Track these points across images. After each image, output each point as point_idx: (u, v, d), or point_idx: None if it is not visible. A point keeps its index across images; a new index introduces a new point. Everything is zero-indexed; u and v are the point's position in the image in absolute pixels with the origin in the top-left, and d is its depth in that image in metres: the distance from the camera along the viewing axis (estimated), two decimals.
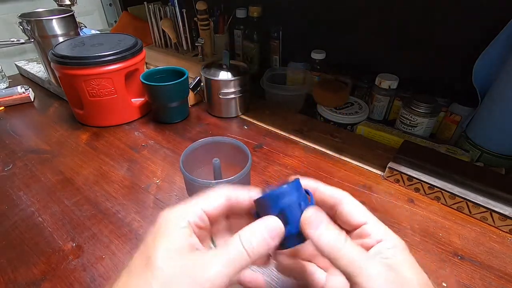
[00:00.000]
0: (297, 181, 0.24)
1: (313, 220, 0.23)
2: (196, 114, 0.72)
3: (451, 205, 0.46)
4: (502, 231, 0.43)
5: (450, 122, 0.63)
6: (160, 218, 0.23)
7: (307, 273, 0.28)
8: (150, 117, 0.71)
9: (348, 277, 0.21)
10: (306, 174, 0.53)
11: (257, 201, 0.24)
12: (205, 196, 0.24)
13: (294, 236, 0.23)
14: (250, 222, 0.23)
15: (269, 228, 0.22)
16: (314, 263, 0.29)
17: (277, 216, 0.23)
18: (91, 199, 0.49)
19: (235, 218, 0.27)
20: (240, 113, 0.70)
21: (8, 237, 0.43)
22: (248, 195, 0.25)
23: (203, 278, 0.19)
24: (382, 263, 0.21)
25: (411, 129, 0.63)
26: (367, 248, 0.23)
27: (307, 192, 0.25)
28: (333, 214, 0.25)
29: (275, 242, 0.22)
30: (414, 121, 0.62)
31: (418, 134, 0.62)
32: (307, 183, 0.26)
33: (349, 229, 0.24)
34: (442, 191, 0.46)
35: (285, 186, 0.23)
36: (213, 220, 0.24)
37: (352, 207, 0.24)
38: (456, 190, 0.45)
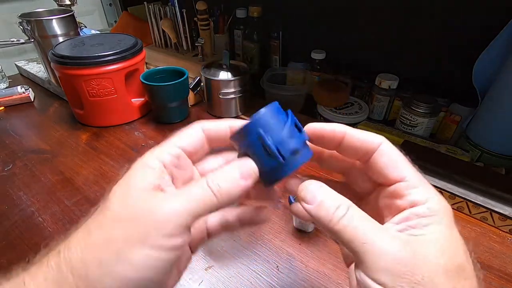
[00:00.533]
0: (274, 104, 0.21)
1: (309, 191, 0.20)
2: (196, 114, 0.72)
3: (451, 205, 0.46)
4: (502, 231, 0.43)
5: (450, 122, 0.63)
6: (134, 163, 0.21)
7: None
8: (150, 117, 0.71)
9: (353, 253, 0.17)
10: (306, 174, 0.53)
11: (233, 137, 0.22)
12: (180, 133, 0.22)
13: (277, 168, 0.20)
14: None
15: (240, 167, 0.20)
16: None
17: (254, 148, 0.20)
18: (91, 199, 0.49)
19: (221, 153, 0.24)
20: (240, 113, 0.70)
21: (8, 237, 0.43)
22: (227, 124, 0.23)
23: (156, 215, 0.17)
24: (396, 238, 0.17)
25: (411, 129, 0.63)
26: (396, 212, 0.19)
27: (296, 125, 0.22)
28: (365, 165, 0.21)
29: (247, 182, 0.20)
30: (414, 121, 0.62)
31: (418, 134, 0.62)
32: (337, 127, 0.22)
33: (381, 183, 0.21)
34: (442, 191, 0.46)
35: (261, 110, 0.21)
36: (194, 157, 0.23)
37: (388, 156, 0.20)
38: (456, 190, 0.45)
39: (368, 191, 0.23)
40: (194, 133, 0.22)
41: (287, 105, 0.70)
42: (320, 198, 0.19)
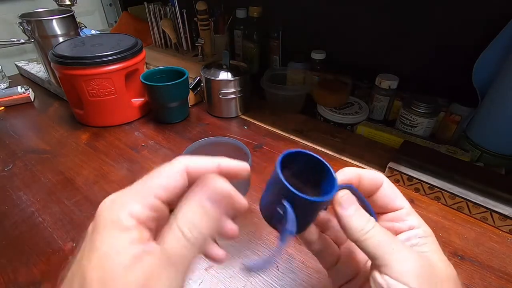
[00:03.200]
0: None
1: (345, 201, 0.22)
2: (196, 114, 0.72)
3: (451, 205, 0.46)
4: (502, 231, 0.43)
5: (450, 122, 0.63)
6: (97, 214, 0.18)
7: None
8: (150, 117, 0.71)
9: (376, 259, 0.20)
10: None
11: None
12: (157, 174, 0.19)
13: (290, 233, 0.21)
14: None
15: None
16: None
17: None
18: (91, 199, 0.49)
19: None
20: (240, 113, 0.70)
21: (8, 237, 0.43)
22: (216, 163, 0.21)
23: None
24: (411, 249, 0.21)
25: (411, 129, 0.63)
26: (397, 233, 0.23)
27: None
28: (371, 197, 0.25)
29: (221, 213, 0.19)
30: (414, 121, 0.62)
31: (418, 134, 0.62)
32: (348, 173, 0.24)
33: (384, 212, 0.24)
34: (442, 191, 0.46)
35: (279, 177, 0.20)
36: (172, 203, 0.19)
37: (391, 191, 0.24)
38: (456, 190, 0.45)
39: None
40: (175, 175, 0.20)
41: (287, 105, 0.71)
42: (355, 208, 0.22)
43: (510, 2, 0.52)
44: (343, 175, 0.24)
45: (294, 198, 0.20)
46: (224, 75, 0.64)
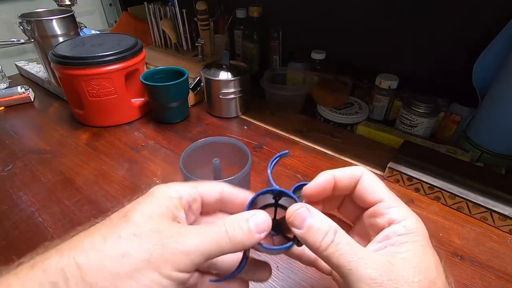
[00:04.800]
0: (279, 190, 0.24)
1: (295, 218, 0.21)
2: (196, 114, 0.72)
3: (451, 205, 0.46)
4: (502, 231, 0.43)
5: (450, 122, 0.63)
6: (152, 188, 0.22)
7: None
8: (150, 117, 0.71)
9: (341, 279, 0.19)
10: (306, 174, 0.53)
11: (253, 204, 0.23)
12: (203, 182, 0.24)
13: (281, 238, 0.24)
14: None
15: (256, 219, 0.21)
16: None
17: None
18: (91, 199, 0.49)
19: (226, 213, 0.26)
20: (240, 113, 0.70)
21: (8, 237, 0.43)
22: (243, 194, 0.24)
23: (175, 248, 0.18)
24: (376, 260, 0.19)
25: (411, 129, 0.63)
26: (378, 230, 0.21)
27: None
28: (352, 194, 0.24)
29: (260, 235, 0.21)
30: (414, 121, 0.62)
31: (418, 134, 0.62)
32: (321, 180, 0.24)
33: (365, 207, 0.23)
34: (442, 191, 0.46)
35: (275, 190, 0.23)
36: (205, 208, 0.24)
37: (368, 183, 0.23)
38: (456, 190, 0.45)
39: (357, 216, 0.25)
40: (216, 188, 0.24)
41: (287, 105, 0.71)
42: (308, 222, 0.20)
43: (510, 2, 0.52)
44: (316, 182, 0.24)
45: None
46: (224, 75, 0.64)
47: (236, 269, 0.23)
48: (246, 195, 0.24)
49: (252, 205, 0.23)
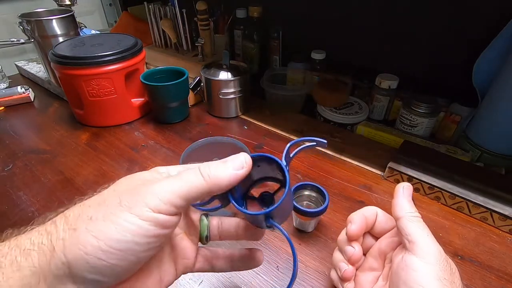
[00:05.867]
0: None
1: (402, 191, 0.30)
2: (196, 114, 0.72)
3: (451, 205, 0.46)
4: (502, 231, 0.43)
5: (450, 122, 0.63)
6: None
7: None
8: (150, 117, 0.71)
9: (408, 242, 0.26)
10: (306, 174, 0.53)
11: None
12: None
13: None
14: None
15: (234, 159, 0.22)
16: None
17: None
18: None
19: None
20: (240, 113, 0.70)
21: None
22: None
23: (144, 190, 0.20)
24: (434, 240, 0.27)
25: (411, 129, 0.63)
26: (397, 245, 0.29)
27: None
28: (373, 228, 0.32)
29: (241, 172, 0.22)
30: (414, 121, 0.62)
31: (418, 134, 0.62)
32: (360, 222, 0.31)
33: (383, 234, 0.31)
34: (442, 191, 0.46)
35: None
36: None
37: (382, 215, 0.32)
38: (456, 190, 0.45)
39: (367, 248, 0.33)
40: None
41: (287, 105, 0.71)
42: (408, 199, 0.29)
43: (510, 2, 0.52)
44: (356, 228, 0.30)
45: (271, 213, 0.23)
46: (224, 75, 0.64)
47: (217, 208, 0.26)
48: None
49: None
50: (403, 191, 0.29)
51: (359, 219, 0.31)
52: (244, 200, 0.26)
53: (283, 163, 0.24)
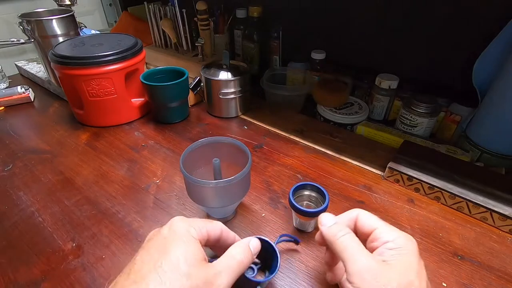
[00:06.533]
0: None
1: (323, 217, 0.30)
2: (196, 114, 0.72)
3: (451, 205, 0.46)
4: (502, 231, 0.43)
5: (450, 122, 0.63)
6: (172, 225, 0.27)
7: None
8: (150, 117, 0.71)
9: (343, 263, 0.26)
10: (306, 174, 0.53)
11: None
12: (208, 220, 0.29)
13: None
14: None
15: (253, 243, 0.30)
16: None
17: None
18: (91, 199, 0.49)
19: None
20: (240, 113, 0.70)
21: (8, 237, 0.43)
22: (235, 237, 0.31)
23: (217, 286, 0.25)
24: (376, 259, 0.26)
25: (411, 129, 0.63)
26: (374, 250, 0.27)
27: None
28: (355, 229, 0.30)
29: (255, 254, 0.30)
30: (414, 121, 0.62)
31: (418, 134, 0.62)
32: (328, 221, 0.31)
33: (366, 237, 0.29)
34: (442, 191, 0.46)
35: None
36: (207, 244, 0.29)
37: (364, 218, 0.30)
38: (456, 190, 0.45)
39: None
40: (217, 227, 0.30)
41: (287, 105, 0.71)
42: (332, 222, 0.30)
43: (510, 2, 0.52)
44: (325, 229, 0.30)
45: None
46: (224, 75, 0.64)
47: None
48: (235, 236, 0.32)
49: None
50: (322, 220, 0.31)
51: (329, 220, 0.31)
52: None
53: (277, 248, 0.33)
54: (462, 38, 0.60)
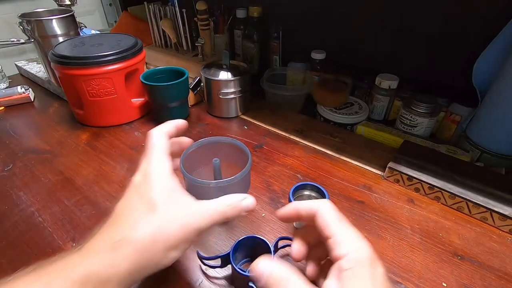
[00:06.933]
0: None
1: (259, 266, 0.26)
2: (196, 114, 0.72)
3: (451, 205, 0.46)
4: (502, 231, 0.43)
5: (450, 122, 0.63)
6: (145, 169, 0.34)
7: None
8: (150, 117, 0.71)
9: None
10: (306, 174, 0.53)
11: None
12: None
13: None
14: None
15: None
16: None
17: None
18: (91, 199, 0.49)
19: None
20: (240, 113, 0.70)
21: (8, 237, 0.43)
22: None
23: (192, 227, 0.26)
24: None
25: (411, 129, 0.63)
26: (334, 262, 0.24)
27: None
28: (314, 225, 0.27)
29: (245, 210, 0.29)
30: (414, 121, 0.62)
31: (418, 134, 0.62)
32: (287, 211, 0.29)
33: (323, 240, 0.25)
34: (442, 191, 0.46)
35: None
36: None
37: (322, 218, 0.25)
38: (456, 190, 0.45)
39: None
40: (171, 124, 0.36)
41: (287, 105, 0.71)
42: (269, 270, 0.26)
43: (510, 2, 0.52)
44: (283, 213, 0.29)
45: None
46: (224, 75, 0.64)
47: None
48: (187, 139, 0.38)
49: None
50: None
51: (287, 210, 0.29)
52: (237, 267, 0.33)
53: (272, 249, 0.34)
54: (462, 38, 0.60)
